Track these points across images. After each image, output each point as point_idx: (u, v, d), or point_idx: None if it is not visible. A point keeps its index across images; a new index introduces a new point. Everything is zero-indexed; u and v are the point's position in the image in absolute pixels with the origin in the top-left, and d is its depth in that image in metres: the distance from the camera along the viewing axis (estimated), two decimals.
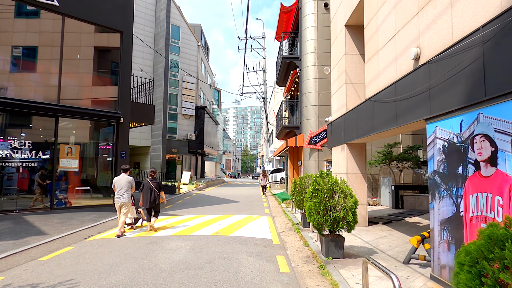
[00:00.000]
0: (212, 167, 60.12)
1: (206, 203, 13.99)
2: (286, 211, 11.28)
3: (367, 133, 6.81)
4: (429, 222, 9.23)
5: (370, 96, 6.63)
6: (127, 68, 11.49)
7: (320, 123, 13.53)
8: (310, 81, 13.79)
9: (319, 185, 5.44)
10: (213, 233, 7.47)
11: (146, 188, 7.56)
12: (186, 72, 27.98)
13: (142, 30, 25.63)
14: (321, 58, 13.77)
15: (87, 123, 11.22)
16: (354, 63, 8.60)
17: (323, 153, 13.48)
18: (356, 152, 8.40)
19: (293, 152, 15.61)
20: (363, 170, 8.36)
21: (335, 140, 9.54)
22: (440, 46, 4.20)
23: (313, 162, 13.52)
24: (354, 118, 7.75)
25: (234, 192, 20.69)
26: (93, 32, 11.17)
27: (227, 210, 11.87)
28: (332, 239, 5.24)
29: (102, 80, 11.56)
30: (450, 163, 3.91)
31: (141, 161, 27.32)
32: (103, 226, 8.44)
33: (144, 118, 13.53)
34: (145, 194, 7.53)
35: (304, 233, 7.36)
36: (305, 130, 13.90)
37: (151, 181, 7.65)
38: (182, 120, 28.00)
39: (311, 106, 13.72)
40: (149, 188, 7.56)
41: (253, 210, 11.86)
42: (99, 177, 11.84)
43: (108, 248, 6.15)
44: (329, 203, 5.23)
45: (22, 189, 9.65)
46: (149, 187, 7.56)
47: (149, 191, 7.53)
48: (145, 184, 7.61)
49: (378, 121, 6.23)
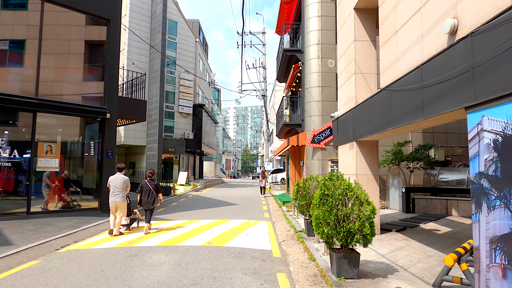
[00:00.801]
0: (212, 167, 59.18)
1: (201, 206, 13.05)
2: (287, 215, 10.34)
3: (382, 128, 5.87)
4: (447, 229, 8.32)
5: (386, 85, 5.68)
6: (114, 59, 10.56)
7: (324, 120, 12.59)
8: (313, 75, 12.84)
9: (329, 190, 4.50)
10: (204, 243, 6.53)
11: (144, 190, 7.46)
12: (183, 69, 27.04)
13: (137, 25, 24.70)
14: (325, 50, 12.82)
15: (71, 120, 10.29)
16: (364, 51, 7.66)
17: (327, 152, 12.54)
18: (367, 151, 7.46)
19: (294, 151, 14.67)
20: (375, 171, 7.41)
21: (342, 137, 8.60)
22: (489, 12, 3.26)
23: (316, 162, 12.57)
24: (365, 112, 6.81)
25: (232, 194, 19.76)
26: (78, 20, 10.23)
27: (223, 214, 10.93)
28: (345, 255, 4.29)
29: (87, 73, 10.63)
30: (507, 162, 2.97)
31: (136, 161, 26.39)
32: (82, 233, 7.51)
33: (135, 114, 12.61)
34: (143, 195, 7.44)
35: (308, 243, 6.42)
36: (308, 127, 12.96)
37: (149, 182, 7.50)
38: (179, 118, 27.06)
39: (314, 102, 12.77)
40: (147, 190, 7.44)
41: (252, 214, 10.92)
42: (85, 178, 10.92)
43: (79, 263, 5.21)
44: (342, 211, 4.28)
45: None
46: (147, 188, 7.45)
47: (146, 192, 7.43)
48: (143, 185, 7.48)
49: (396, 113, 5.28)
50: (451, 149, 13.33)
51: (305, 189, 7.17)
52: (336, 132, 9.30)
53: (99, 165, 10.23)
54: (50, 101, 9.08)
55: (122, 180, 7.15)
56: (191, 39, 28.56)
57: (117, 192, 7.08)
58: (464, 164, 12.44)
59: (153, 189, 7.45)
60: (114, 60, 10.58)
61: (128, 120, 13.10)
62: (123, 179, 7.18)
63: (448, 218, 9.82)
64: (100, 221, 8.92)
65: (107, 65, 10.36)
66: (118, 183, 7.10)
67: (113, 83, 10.50)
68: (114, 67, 10.56)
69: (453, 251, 4.00)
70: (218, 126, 59.68)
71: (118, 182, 7.11)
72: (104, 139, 10.21)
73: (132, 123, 13.62)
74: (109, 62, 10.42)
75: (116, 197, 7.05)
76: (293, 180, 14.51)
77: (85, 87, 10.50)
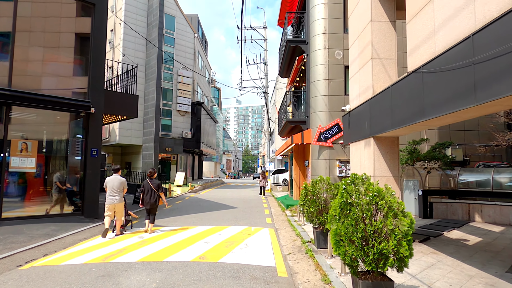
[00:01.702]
0: (212, 168, 58.18)
1: (198, 210, 12.02)
2: (291, 220, 9.31)
3: (410, 121, 4.83)
4: (477, 239, 7.23)
5: (417, 67, 4.64)
6: (100, 49, 9.53)
7: (331, 116, 11.56)
8: (319, 67, 11.81)
9: (353, 196, 3.46)
10: (195, 258, 5.49)
11: (145, 189, 7.40)
12: (182, 65, 26.02)
13: (133, 19, 23.69)
14: (332, 40, 11.79)
15: (53, 115, 9.26)
16: (383, 33, 6.61)
17: (334, 151, 11.50)
18: (386, 148, 6.41)
19: (298, 150, 13.64)
20: (396, 172, 6.37)
21: (355, 133, 7.56)
22: None
23: (322, 162, 11.54)
24: (386, 102, 5.77)
25: (232, 195, 18.73)
26: (60, 2, 9.22)
27: (221, 219, 9.89)
28: (375, 283, 3.25)
29: (70, 63, 9.59)
30: None
31: (132, 160, 25.38)
32: (56, 244, 6.48)
33: (126, 110, 11.56)
34: (145, 195, 7.38)
35: (319, 257, 5.39)
36: (313, 124, 11.92)
37: (150, 181, 7.45)
38: (177, 116, 26.03)
39: (320, 97, 11.74)
40: (149, 189, 7.40)
41: (252, 219, 9.89)
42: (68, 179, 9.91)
43: (38, 286, 4.19)
44: (371, 226, 3.24)
45: None
46: (148, 188, 7.40)
47: (148, 192, 7.39)
48: (145, 185, 7.43)
49: (432, 101, 4.24)
50: (469, 148, 12.26)
51: (314, 193, 6.12)
52: (347, 128, 8.26)
53: (83, 165, 9.21)
54: (25, 93, 8.05)
55: (119, 182, 7.06)
56: (189, 35, 27.54)
57: (115, 193, 6.99)
58: (484, 164, 11.37)
59: (155, 188, 7.36)
60: (100, 50, 9.55)
61: (119, 117, 12.07)
62: (120, 181, 7.08)
63: (472, 225, 8.77)
64: (81, 228, 7.90)
65: (92, 55, 9.34)
66: (115, 185, 7.00)
67: (99, 74, 9.48)
68: (100, 57, 9.53)
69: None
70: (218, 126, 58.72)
71: (115, 184, 7.00)
72: (88, 136, 9.19)
73: (123, 119, 12.60)
74: (95, 51, 9.40)
75: (114, 198, 6.98)
76: (297, 181, 13.48)
77: (67, 79, 9.47)
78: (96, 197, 9.26)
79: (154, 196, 7.39)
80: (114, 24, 24.48)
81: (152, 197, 7.38)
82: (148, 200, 7.36)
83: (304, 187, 6.30)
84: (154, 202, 7.40)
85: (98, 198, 9.40)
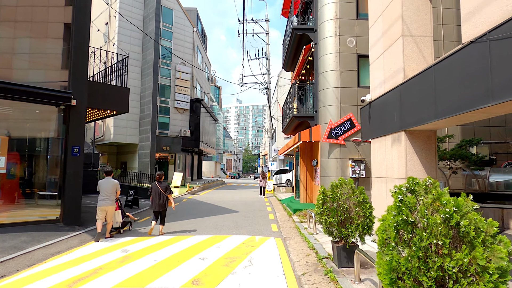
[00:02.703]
0: (212, 167, 57.09)
1: (195, 214, 10.88)
2: (300, 228, 8.17)
3: (468, 107, 3.68)
4: None
5: (479, 35, 3.49)
6: (82, 32, 8.39)
7: (342, 111, 10.41)
8: (329, 56, 10.65)
9: (414, 212, 2.31)
10: (187, 283, 4.34)
11: (154, 192, 7.47)
12: (180, 59, 24.87)
13: (129, 12, 22.53)
14: (344, 26, 10.64)
15: (30, 109, 8.14)
16: (415, 6, 5.46)
17: (346, 149, 10.35)
18: (422, 144, 5.27)
19: (306, 149, 12.49)
20: (433, 174, 5.23)
21: (378, 127, 6.41)
22: None
23: (333, 162, 10.39)
24: (425, 86, 4.61)
25: (232, 197, 17.58)
26: None
27: (220, 225, 8.75)
28: None
29: (47, 50, 8.45)
30: None
31: (128, 160, 24.24)
32: (21, 260, 5.35)
33: (115, 104, 10.41)
34: (154, 197, 7.45)
35: (343, 281, 4.25)
36: (323, 120, 10.78)
37: (158, 184, 7.51)
38: (175, 114, 24.88)
39: (330, 89, 10.59)
40: (158, 192, 7.44)
41: (256, 226, 8.75)
42: (48, 181, 8.80)
43: None
44: (451, 261, 2.09)
45: None
46: (157, 190, 7.46)
47: (157, 194, 7.43)
48: (153, 187, 7.52)
49: (507, 77, 3.09)
50: (493, 145, 11.10)
51: (334, 200, 4.97)
52: (367, 122, 7.10)
53: (63, 165, 8.07)
54: None
55: (112, 184, 6.96)
56: (188, 29, 26.39)
57: (106, 196, 6.89)
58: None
59: (163, 191, 7.45)
60: (83, 33, 8.41)
61: (108, 111, 10.92)
62: (113, 183, 6.98)
63: (509, 233, 7.61)
64: (56, 238, 6.77)
65: (73, 39, 8.20)
66: (107, 187, 6.90)
67: (81, 63, 8.34)
68: (83, 41, 8.39)
69: None
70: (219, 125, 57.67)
71: (107, 186, 6.90)
72: (68, 132, 8.05)
73: (113, 114, 11.43)
74: (77, 35, 8.25)
75: (106, 201, 6.87)
76: (304, 183, 12.33)
77: (45, 67, 8.33)
78: (78, 201, 8.13)
79: (162, 198, 7.42)
80: (109, 17, 23.35)
81: (162, 199, 7.41)
82: (158, 202, 7.38)
83: (322, 192, 5.14)
84: (164, 204, 7.44)
85: (81, 203, 8.27)
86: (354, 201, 4.92)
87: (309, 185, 12.29)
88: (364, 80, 10.68)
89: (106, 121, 22.35)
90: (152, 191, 7.49)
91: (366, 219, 4.78)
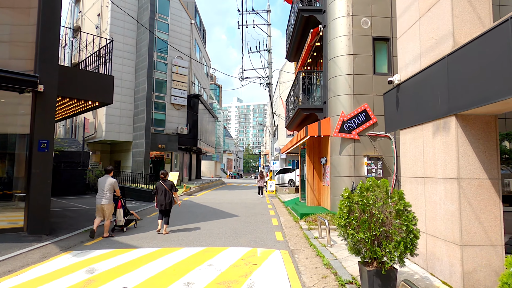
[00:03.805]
0: (211, 167, 55.83)
1: (188, 219, 9.61)
2: (310, 237, 6.89)
3: None
4: None
5: None
6: (52, 6, 7.10)
7: (356, 101, 9.10)
8: (341, 39, 9.35)
9: None
10: None
11: (159, 190, 7.53)
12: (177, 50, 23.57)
13: (122, 2, 21.22)
14: (357, 5, 9.33)
15: None
16: None
17: (361, 145, 9.05)
18: (478, 134, 3.98)
19: (313, 145, 11.18)
20: (494, 173, 3.93)
21: (409, 115, 5.11)
22: None
23: (345, 159, 9.08)
24: (494, 50, 3.30)
25: (232, 198, 16.30)
26: None
27: (215, 233, 7.47)
28: None
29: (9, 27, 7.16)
30: None
31: (122, 159, 22.95)
32: None
33: (97, 94, 9.09)
34: (159, 196, 7.50)
35: None
36: (333, 111, 9.48)
37: (163, 182, 7.58)
38: (172, 110, 23.57)
39: (342, 77, 9.28)
40: (163, 190, 7.51)
41: (257, 234, 7.47)
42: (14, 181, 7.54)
43: None
44: None
45: None
46: (162, 189, 7.52)
47: (162, 193, 7.50)
48: (158, 186, 7.57)
49: None
50: None
51: (365, 208, 3.66)
52: (393, 109, 5.79)
53: (28, 163, 6.79)
54: None
55: (109, 182, 6.97)
56: (185, 21, 25.08)
57: (103, 194, 6.90)
58: None
59: (168, 189, 7.52)
60: (53, 8, 7.12)
61: (89, 102, 9.61)
62: (110, 181, 7.00)
63: None
64: (14, 252, 5.52)
65: (41, 11, 6.91)
66: (104, 185, 6.93)
67: (50, 40, 7.05)
68: (52, 15, 7.10)
69: None
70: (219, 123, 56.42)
71: (104, 184, 6.93)
72: (34, 123, 6.76)
73: (95, 106, 10.11)
74: (44, 8, 6.96)
75: (102, 199, 6.89)
76: (311, 183, 11.02)
77: (4, 46, 7.04)
78: (46, 205, 6.84)
79: (168, 196, 7.50)
80: (101, 7, 22.07)
81: (167, 197, 7.48)
82: (163, 201, 7.42)
83: (347, 198, 3.84)
84: (170, 202, 7.50)
85: (49, 207, 6.98)
86: (391, 210, 3.62)
87: (316, 186, 10.98)
88: (380, 66, 9.38)
89: (98, 117, 21.09)
90: (158, 190, 7.54)
91: (409, 234, 3.49)
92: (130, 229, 7.89)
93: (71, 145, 18.35)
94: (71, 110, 10.23)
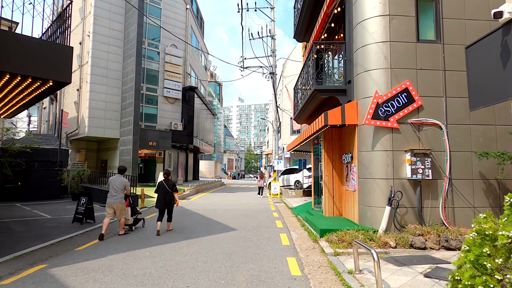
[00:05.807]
0: (211, 167, 53.55)
1: (170, 235, 7.27)
2: (339, 269, 4.55)
3: None
4: None
5: None
6: None
7: (394, 77, 6.76)
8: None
9: None
10: None
11: (160, 190, 7.52)
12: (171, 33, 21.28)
13: None
14: None
15: None
16: None
17: (401, 136, 6.70)
18: None
19: (332, 138, 8.81)
20: None
21: None
22: None
23: (380, 156, 6.72)
24: None
25: (230, 203, 13.96)
26: None
27: (201, 263, 5.12)
28: None
29: None
30: None
31: (109, 158, 20.63)
32: None
33: (49, 69, 6.76)
34: (159, 195, 7.52)
35: None
36: (362, 92, 7.12)
37: (165, 182, 7.54)
38: (165, 104, 21.27)
39: (374, 45, 6.94)
40: (164, 190, 7.51)
41: (261, 262, 5.12)
42: None
43: None
44: None
45: None
46: (163, 188, 7.51)
47: (163, 192, 7.50)
48: (160, 185, 7.55)
49: None
50: None
51: None
52: (494, 66, 3.41)
53: None
54: None
55: (120, 182, 7.06)
56: (180, 6, 22.79)
57: (115, 193, 6.99)
58: None
59: (170, 189, 7.51)
60: None
61: (39, 81, 7.28)
62: (122, 181, 7.07)
63: None
64: None
65: None
66: (116, 185, 7.00)
67: None
68: None
69: None
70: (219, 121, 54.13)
71: (116, 184, 7.01)
72: None
73: (50, 88, 7.73)
74: None
75: (114, 198, 6.98)
76: (330, 187, 8.64)
77: None
78: None
79: (169, 195, 7.51)
80: None
81: (168, 197, 7.50)
82: (164, 200, 7.44)
83: (479, 232, 1.45)
84: (170, 202, 7.53)
85: None
86: None
87: (337, 191, 8.60)
88: (425, 31, 7.04)
89: (81, 111, 18.81)
90: (159, 188, 7.56)
91: None
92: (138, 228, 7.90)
93: (47, 141, 16.05)
94: (17, 95, 7.88)
